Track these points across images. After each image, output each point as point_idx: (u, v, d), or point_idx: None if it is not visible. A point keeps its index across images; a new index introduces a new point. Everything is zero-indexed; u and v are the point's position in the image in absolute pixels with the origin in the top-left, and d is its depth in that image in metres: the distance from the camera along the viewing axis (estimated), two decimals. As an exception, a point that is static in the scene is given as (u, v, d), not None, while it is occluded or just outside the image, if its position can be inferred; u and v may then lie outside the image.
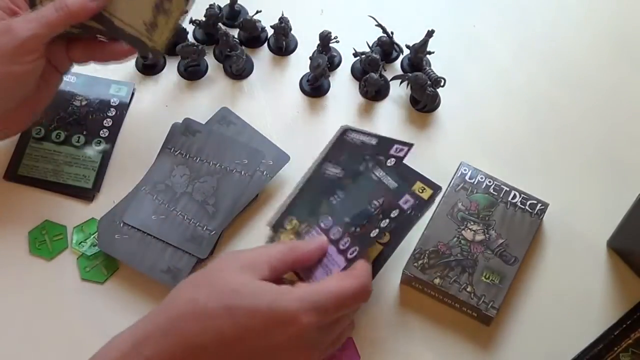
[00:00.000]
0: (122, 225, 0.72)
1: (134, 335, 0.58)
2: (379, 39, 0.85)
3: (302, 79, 0.84)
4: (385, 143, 0.70)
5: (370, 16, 0.84)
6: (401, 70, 0.85)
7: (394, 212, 0.66)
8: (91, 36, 0.72)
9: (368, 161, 0.69)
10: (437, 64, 0.84)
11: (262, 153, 0.76)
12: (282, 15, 0.84)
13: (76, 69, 0.76)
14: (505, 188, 0.74)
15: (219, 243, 0.73)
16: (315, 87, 0.83)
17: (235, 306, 0.57)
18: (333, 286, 0.60)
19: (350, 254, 0.64)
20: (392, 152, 0.69)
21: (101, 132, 0.79)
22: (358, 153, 0.70)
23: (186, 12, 0.71)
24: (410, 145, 0.69)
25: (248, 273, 0.59)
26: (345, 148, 0.70)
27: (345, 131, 0.71)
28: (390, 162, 0.68)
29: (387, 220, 0.65)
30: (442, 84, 0.81)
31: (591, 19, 0.90)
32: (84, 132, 0.78)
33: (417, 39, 0.83)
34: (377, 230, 0.65)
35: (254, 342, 0.57)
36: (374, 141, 0.70)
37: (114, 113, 0.80)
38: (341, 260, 0.65)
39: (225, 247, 0.73)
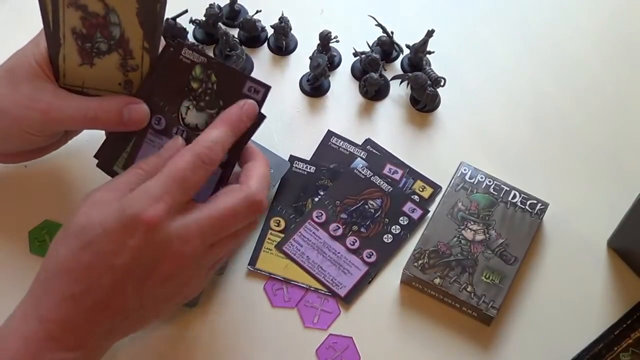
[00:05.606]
0: None
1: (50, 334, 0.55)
2: (379, 38, 0.85)
3: (302, 78, 0.84)
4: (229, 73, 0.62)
5: (370, 16, 0.84)
6: (401, 70, 0.85)
7: None
8: None
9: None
10: (437, 63, 0.84)
11: None
12: (282, 15, 0.84)
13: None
14: (505, 188, 0.74)
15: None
16: (315, 86, 0.83)
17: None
18: (216, 209, 0.57)
19: None
20: (245, 91, 0.63)
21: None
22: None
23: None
24: (267, 87, 0.62)
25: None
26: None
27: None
28: None
29: None
30: (442, 83, 0.81)
31: (593, 19, 0.90)
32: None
33: (417, 38, 0.83)
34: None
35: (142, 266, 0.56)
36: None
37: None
38: None
39: (234, 257, 0.72)
